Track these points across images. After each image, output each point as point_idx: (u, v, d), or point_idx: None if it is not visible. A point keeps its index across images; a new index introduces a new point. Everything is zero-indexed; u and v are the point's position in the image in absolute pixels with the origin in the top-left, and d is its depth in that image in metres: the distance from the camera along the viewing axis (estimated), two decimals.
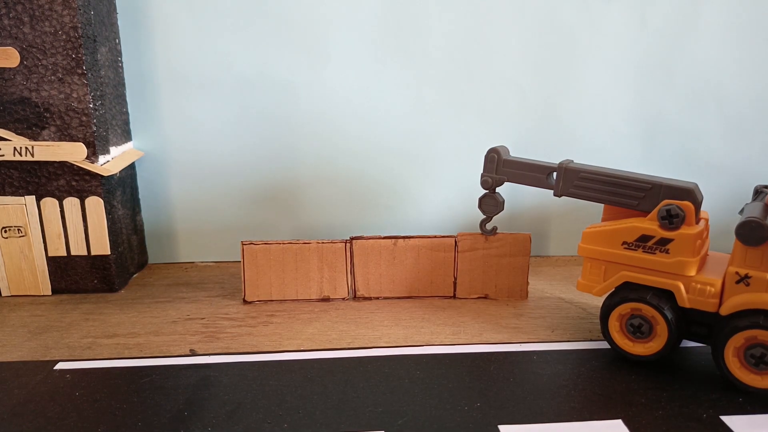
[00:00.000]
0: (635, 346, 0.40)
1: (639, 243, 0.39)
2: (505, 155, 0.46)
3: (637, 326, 0.39)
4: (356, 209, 0.59)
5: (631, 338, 0.40)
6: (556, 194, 0.43)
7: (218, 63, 0.54)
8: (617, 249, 0.39)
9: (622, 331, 0.40)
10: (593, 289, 0.41)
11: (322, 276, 0.50)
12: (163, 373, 0.39)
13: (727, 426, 0.33)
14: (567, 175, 0.42)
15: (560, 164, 0.43)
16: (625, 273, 0.39)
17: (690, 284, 0.37)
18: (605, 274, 0.41)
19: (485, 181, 0.47)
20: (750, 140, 0.59)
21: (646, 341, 0.39)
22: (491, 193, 0.48)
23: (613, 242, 0.40)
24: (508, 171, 0.46)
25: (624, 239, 0.39)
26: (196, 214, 0.59)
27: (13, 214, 0.49)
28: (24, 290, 0.51)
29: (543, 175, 0.44)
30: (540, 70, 0.56)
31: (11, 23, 0.45)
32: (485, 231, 0.49)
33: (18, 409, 0.35)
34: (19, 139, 0.48)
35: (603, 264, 0.40)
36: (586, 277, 0.42)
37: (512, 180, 0.46)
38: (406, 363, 0.40)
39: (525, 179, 0.45)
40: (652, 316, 0.39)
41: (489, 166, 0.46)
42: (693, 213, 0.37)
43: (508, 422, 0.33)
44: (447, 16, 0.55)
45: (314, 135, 0.57)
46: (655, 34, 0.56)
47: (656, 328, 0.39)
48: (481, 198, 0.48)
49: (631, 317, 0.40)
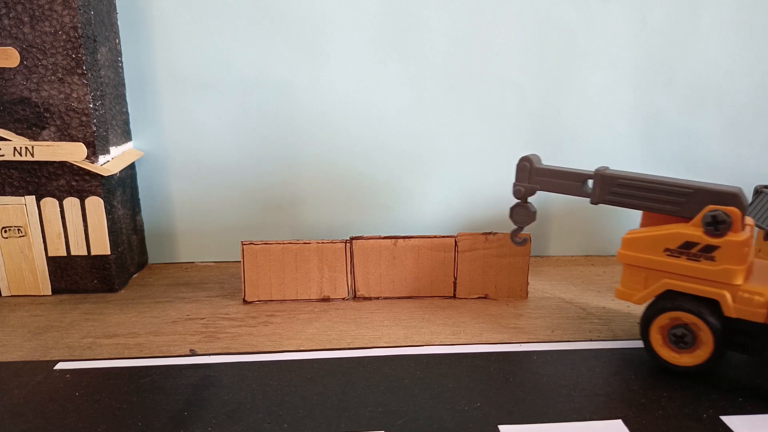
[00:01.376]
0: (680, 357, 0.38)
1: (682, 250, 0.37)
2: (537, 163, 0.44)
3: (680, 336, 0.38)
4: (356, 209, 0.59)
5: (674, 348, 0.38)
6: (593, 202, 0.42)
7: (218, 63, 0.54)
8: (659, 256, 0.38)
9: (664, 341, 0.39)
10: (633, 297, 0.40)
11: (322, 276, 0.50)
12: (163, 373, 0.39)
13: (727, 426, 0.33)
14: (604, 182, 0.41)
15: (596, 171, 0.41)
16: (668, 281, 0.38)
17: (737, 293, 0.36)
18: (646, 281, 0.39)
19: (518, 190, 0.45)
20: (750, 140, 0.59)
21: (690, 351, 0.38)
22: (523, 202, 0.46)
23: (655, 249, 0.38)
24: (541, 180, 0.44)
25: (666, 246, 0.38)
26: (196, 214, 0.59)
27: (13, 214, 0.49)
28: (24, 290, 0.51)
29: (578, 183, 0.42)
30: (540, 70, 0.56)
31: (11, 23, 0.45)
32: (516, 241, 0.47)
33: (18, 409, 0.35)
34: (19, 139, 0.48)
35: (644, 271, 0.39)
36: (626, 284, 0.40)
37: (545, 189, 0.44)
38: (406, 363, 0.40)
39: (559, 188, 0.43)
40: (696, 326, 0.37)
41: (521, 175, 0.45)
42: (740, 219, 0.36)
43: (508, 422, 0.33)
44: (447, 16, 0.55)
45: (314, 135, 0.57)
46: (655, 34, 0.56)
47: (700, 337, 0.37)
48: (513, 208, 0.46)
49: (674, 326, 0.38)
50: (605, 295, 0.51)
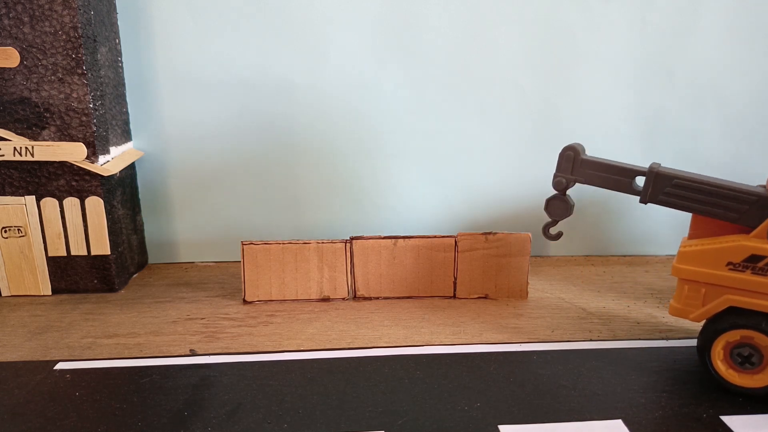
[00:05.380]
0: (743, 378, 0.36)
1: (747, 264, 0.35)
2: (582, 154, 0.41)
3: (747, 356, 0.36)
4: (356, 209, 0.59)
5: (737, 369, 0.36)
6: (642, 201, 0.39)
7: (218, 63, 0.54)
8: (721, 270, 0.35)
9: (726, 361, 0.37)
10: (690, 314, 0.37)
11: (322, 276, 0.50)
12: (163, 373, 0.39)
13: (727, 426, 0.33)
14: (658, 180, 0.38)
15: (651, 167, 0.38)
16: (730, 297, 0.35)
17: None
18: (704, 297, 0.37)
19: (559, 182, 0.42)
20: (750, 140, 0.59)
21: (756, 372, 0.36)
22: (562, 195, 0.43)
23: (717, 263, 0.36)
24: (585, 172, 0.41)
25: (729, 259, 0.35)
26: (196, 213, 0.59)
27: (13, 214, 0.49)
28: (24, 290, 0.51)
29: (628, 179, 0.40)
30: (540, 70, 0.56)
31: (11, 23, 0.45)
32: (549, 236, 0.45)
33: (18, 409, 0.35)
34: (19, 139, 0.48)
35: (703, 286, 0.37)
36: (682, 300, 0.37)
37: (588, 182, 0.41)
38: (406, 363, 0.40)
39: (605, 182, 0.40)
40: (765, 345, 0.35)
41: (565, 166, 0.41)
42: None
43: (508, 422, 0.33)
44: (447, 16, 0.55)
45: (314, 135, 0.57)
46: (655, 34, 0.56)
47: None
48: (550, 200, 0.43)
49: (738, 346, 0.36)
50: (605, 295, 0.51)
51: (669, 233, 0.61)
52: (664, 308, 0.49)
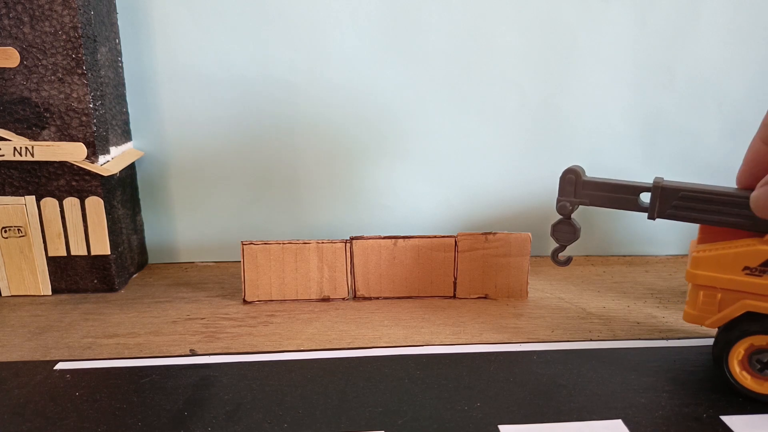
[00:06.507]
0: (763, 386, 0.35)
1: (765, 268, 0.34)
2: (583, 176, 0.41)
3: (766, 363, 0.35)
4: (356, 209, 0.59)
5: (758, 376, 0.35)
6: (651, 217, 0.39)
7: (218, 63, 0.54)
8: (737, 275, 0.35)
9: (744, 368, 0.36)
10: (705, 320, 0.36)
11: (322, 276, 0.50)
12: (163, 373, 0.39)
13: (727, 426, 0.33)
14: (664, 194, 0.38)
15: (655, 182, 0.38)
16: (747, 302, 0.35)
17: None
18: (720, 303, 0.36)
19: (563, 206, 0.41)
20: (750, 140, 0.59)
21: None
22: (567, 219, 0.42)
23: (733, 268, 0.35)
24: (588, 193, 0.41)
25: (746, 264, 0.34)
26: (196, 213, 0.59)
27: (13, 214, 0.49)
28: (24, 290, 0.51)
29: (633, 197, 0.39)
30: (540, 69, 0.56)
31: (11, 23, 0.45)
32: (558, 262, 0.44)
33: (18, 409, 0.35)
34: (19, 139, 0.48)
35: (718, 292, 0.36)
36: (696, 306, 0.37)
37: (594, 203, 0.41)
38: (406, 363, 0.40)
39: (610, 202, 0.40)
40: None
41: (567, 189, 0.41)
42: None
43: (508, 422, 0.33)
44: (447, 16, 0.55)
45: (314, 135, 0.57)
46: (655, 34, 0.56)
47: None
48: (555, 225, 0.43)
49: (757, 352, 0.35)
50: (605, 295, 0.51)
51: (669, 233, 0.61)
52: (664, 308, 0.49)
